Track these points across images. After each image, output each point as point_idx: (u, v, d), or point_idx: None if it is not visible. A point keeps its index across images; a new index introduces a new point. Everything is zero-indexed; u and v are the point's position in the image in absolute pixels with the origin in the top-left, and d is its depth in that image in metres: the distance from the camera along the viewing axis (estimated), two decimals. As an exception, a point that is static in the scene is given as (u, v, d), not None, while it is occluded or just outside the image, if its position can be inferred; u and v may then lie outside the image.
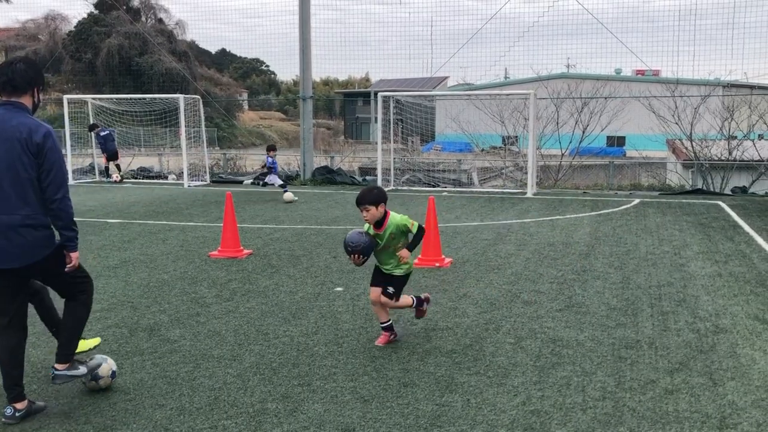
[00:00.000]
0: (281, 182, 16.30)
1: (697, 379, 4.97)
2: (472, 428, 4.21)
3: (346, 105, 66.90)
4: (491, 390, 4.79)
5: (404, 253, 5.62)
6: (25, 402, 4.36)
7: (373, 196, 5.51)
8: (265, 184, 16.58)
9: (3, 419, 4.30)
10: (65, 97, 22.58)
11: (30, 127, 4.21)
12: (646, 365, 5.26)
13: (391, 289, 5.71)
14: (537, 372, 5.12)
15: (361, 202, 5.52)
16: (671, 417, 4.36)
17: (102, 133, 20.21)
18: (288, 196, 15.77)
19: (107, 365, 4.75)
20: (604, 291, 7.50)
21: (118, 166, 20.95)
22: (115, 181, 20.17)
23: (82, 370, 4.57)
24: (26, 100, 4.35)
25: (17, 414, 4.30)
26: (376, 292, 5.73)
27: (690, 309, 6.80)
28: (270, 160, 16.17)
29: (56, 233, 4.38)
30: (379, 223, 5.57)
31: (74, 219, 4.37)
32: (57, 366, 4.50)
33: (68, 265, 4.39)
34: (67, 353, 4.52)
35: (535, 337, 5.92)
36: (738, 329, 6.14)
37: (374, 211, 5.50)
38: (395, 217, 5.60)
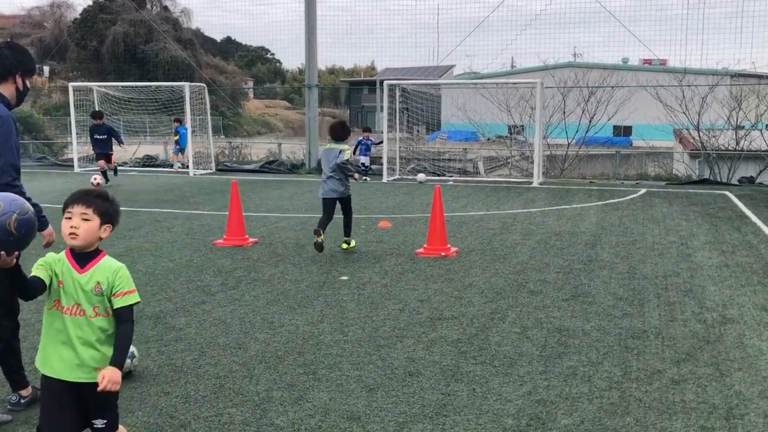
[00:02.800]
0: (361, 165, 18.15)
1: (703, 370, 4.95)
2: (477, 417, 4.20)
3: (352, 93, 66.68)
4: (497, 379, 4.78)
5: (111, 375, 3.05)
6: (30, 388, 4.36)
7: (101, 203, 3.29)
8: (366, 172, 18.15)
9: (9, 406, 4.30)
10: (70, 84, 22.58)
11: None
12: (653, 355, 5.23)
13: (100, 423, 3.21)
14: (543, 362, 5.11)
15: (74, 200, 3.25)
16: (678, 407, 4.34)
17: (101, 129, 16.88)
18: (421, 177, 17.71)
19: (130, 362, 4.71)
20: (611, 281, 7.47)
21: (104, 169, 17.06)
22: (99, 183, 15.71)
23: None
24: (4, 86, 4.27)
25: (22, 401, 4.31)
26: None
27: (697, 299, 6.77)
28: (368, 140, 18.48)
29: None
30: (88, 258, 3.30)
31: (29, 199, 3.88)
32: None
33: (44, 243, 4.31)
34: None
35: (541, 327, 5.90)
36: (745, 320, 6.11)
37: (91, 224, 3.24)
38: (112, 264, 3.31)
